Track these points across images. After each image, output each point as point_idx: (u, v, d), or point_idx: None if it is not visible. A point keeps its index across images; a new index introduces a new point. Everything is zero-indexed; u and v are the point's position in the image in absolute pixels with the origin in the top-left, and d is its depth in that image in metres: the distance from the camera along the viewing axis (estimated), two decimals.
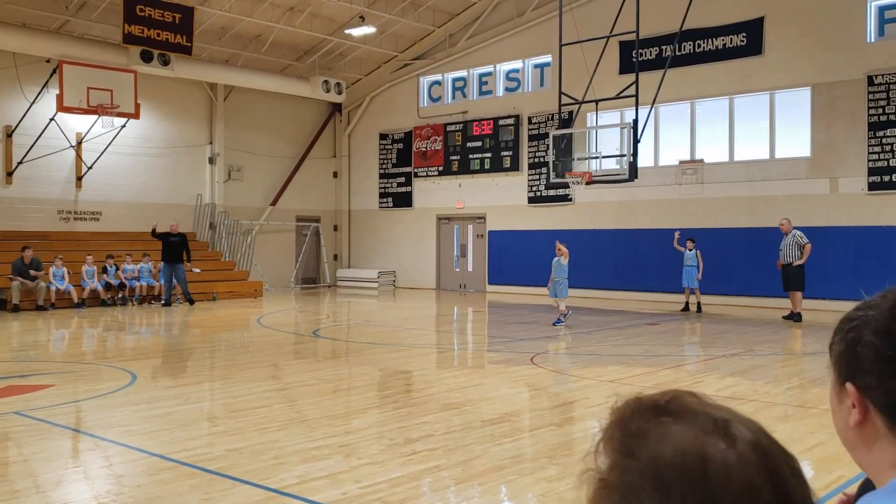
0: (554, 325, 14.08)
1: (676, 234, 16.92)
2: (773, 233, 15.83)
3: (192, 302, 18.74)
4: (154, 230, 18.51)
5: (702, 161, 19.18)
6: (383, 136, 25.84)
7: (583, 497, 0.83)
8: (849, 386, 1.12)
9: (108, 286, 18.41)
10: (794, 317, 14.89)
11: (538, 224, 21.93)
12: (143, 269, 19.18)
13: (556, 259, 14.19)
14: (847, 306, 1.23)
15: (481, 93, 23.62)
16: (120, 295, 18.60)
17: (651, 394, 0.86)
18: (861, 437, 1.11)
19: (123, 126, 20.01)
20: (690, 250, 16.64)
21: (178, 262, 18.53)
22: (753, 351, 11.13)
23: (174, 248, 18.47)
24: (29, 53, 18.61)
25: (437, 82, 24.59)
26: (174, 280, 18.64)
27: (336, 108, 26.56)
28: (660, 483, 0.76)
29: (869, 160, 16.82)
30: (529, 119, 22.29)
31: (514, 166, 22.56)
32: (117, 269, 18.74)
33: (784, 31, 17.95)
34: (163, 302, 18.60)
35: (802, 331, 13.85)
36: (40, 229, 19.22)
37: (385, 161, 25.84)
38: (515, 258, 22.43)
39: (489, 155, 23.11)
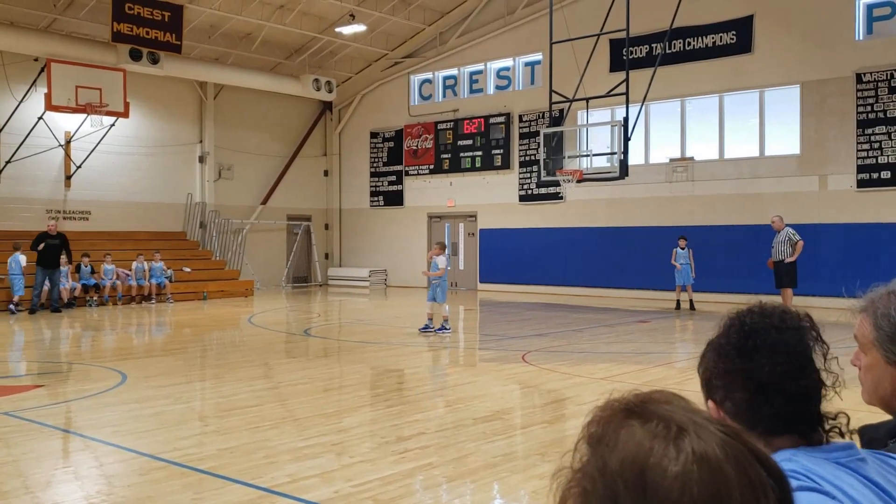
0: (437, 332, 12.79)
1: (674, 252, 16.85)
2: (763, 230, 15.89)
3: (58, 311, 16.69)
4: (31, 247, 16.76)
5: (692, 159, 19.24)
6: (374, 135, 25.80)
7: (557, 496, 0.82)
8: (710, 403, 1.30)
9: (85, 287, 18.20)
10: None
11: (529, 222, 21.95)
12: (138, 269, 19.06)
13: (435, 259, 13.03)
14: (836, 303, 1.25)
15: (472, 91, 23.61)
16: (95, 297, 18.22)
17: (629, 394, 0.84)
18: None
19: (112, 125, 19.92)
20: (683, 248, 16.69)
21: (56, 266, 16.87)
22: None
23: (52, 250, 16.80)
24: (16, 52, 18.49)
25: (428, 80, 24.57)
26: (46, 284, 16.79)
27: (326, 106, 26.50)
28: (607, 490, 0.74)
29: (858, 157, 16.91)
30: (520, 117, 22.30)
31: (505, 164, 22.56)
32: (93, 269, 18.36)
33: (773, 28, 18.02)
34: (29, 309, 16.55)
35: None
36: (29, 229, 19.08)
37: (376, 159, 25.80)
38: (506, 256, 22.45)
39: (480, 153, 23.10)
